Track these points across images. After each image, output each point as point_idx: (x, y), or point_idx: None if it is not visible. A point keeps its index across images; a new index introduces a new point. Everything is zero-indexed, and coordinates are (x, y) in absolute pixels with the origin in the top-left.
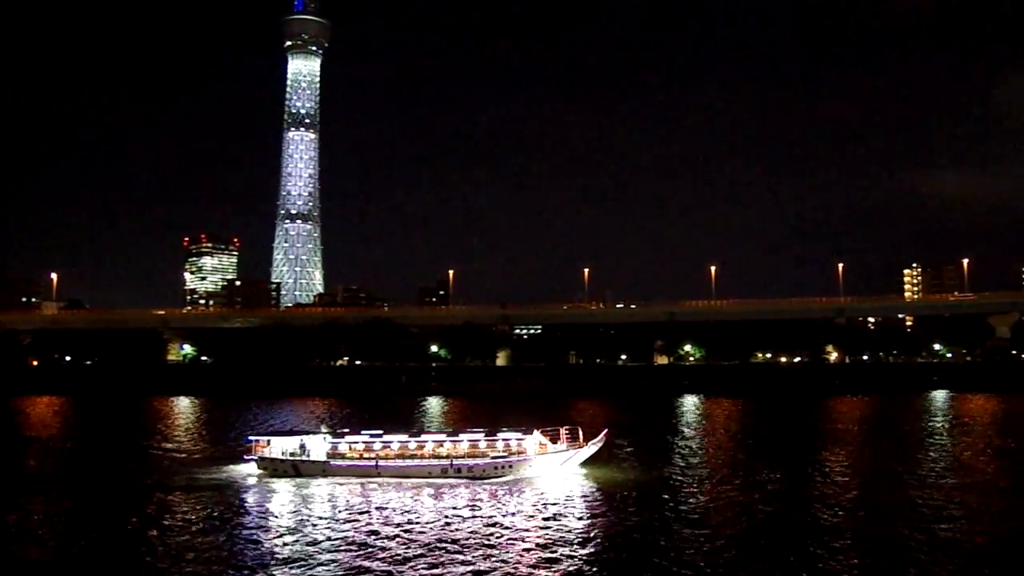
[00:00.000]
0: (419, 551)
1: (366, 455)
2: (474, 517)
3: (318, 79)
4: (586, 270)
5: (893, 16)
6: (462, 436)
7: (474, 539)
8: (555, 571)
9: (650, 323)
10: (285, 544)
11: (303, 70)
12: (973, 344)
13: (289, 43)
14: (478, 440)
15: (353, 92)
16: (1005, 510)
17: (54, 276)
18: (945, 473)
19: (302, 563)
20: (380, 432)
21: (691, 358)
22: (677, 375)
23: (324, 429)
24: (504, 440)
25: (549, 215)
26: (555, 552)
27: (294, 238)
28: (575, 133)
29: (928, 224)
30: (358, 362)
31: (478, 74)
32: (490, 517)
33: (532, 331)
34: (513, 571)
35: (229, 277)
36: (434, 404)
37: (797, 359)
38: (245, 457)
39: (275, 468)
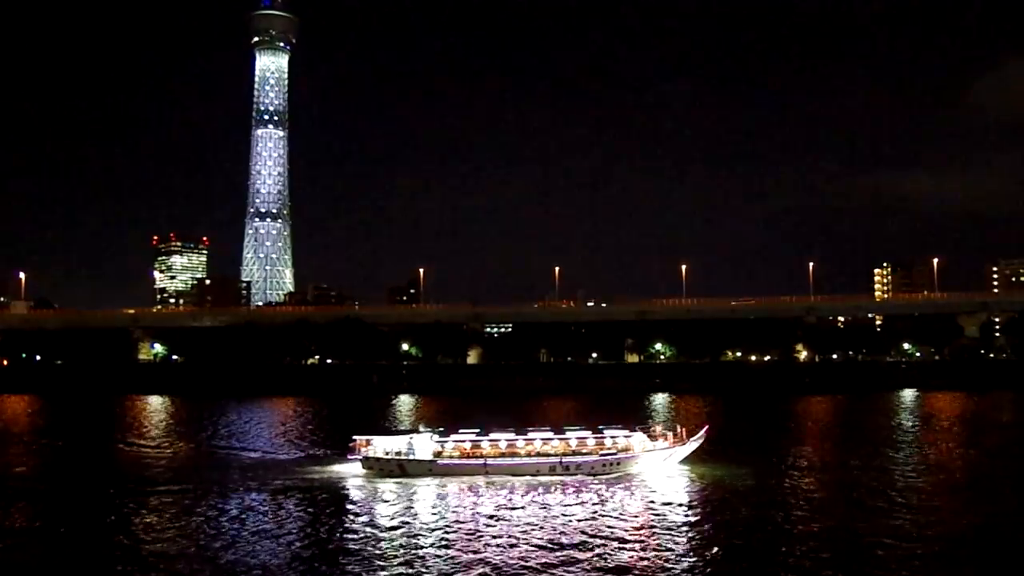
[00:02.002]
0: (536, 549)
1: (473, 453)
2: (590, 515)
3: (286, 76)
4: (557, 268)
5: (865, 15)
6: (569, 433)
7: (590, 537)
8: (674, 570)
9: (621, 321)
10: (398, 543)
11: (271, 66)
12: (942, 343)
13: (256, 39)
14: (585, 437)
15: (322, 89)
16: (971, 504)
17: (22, 275)
18: (916, 469)
19: (415, 562)
20: (486, 430)
21: (662, 356)
22: (648, 373)
23: (423, 428)
24: (612, 437)
25: (520, 213)
26: (672, 551)
27: (264, 236)
28: (545, 131)
29: (898, 224)
30: (329, 361)
31: (448, 71)
32: (604, 515)
33: (503, 329)
34: (629, 570)
35: (199, 276)
36: (406, 403)
37: (767, 358)
38: (349, 457)
39: (380, 467)
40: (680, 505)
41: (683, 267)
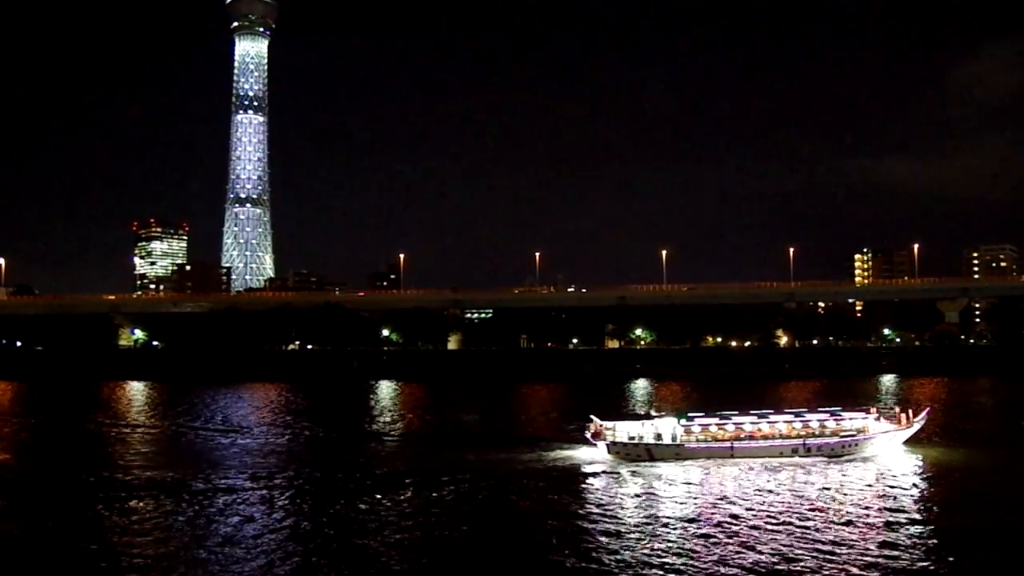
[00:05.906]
0: (805, 533)
1: (720, 436)
2: (845, 496)
3: (266, 61)
4: (537, 254)
5: (843, 1)
6: (809, 416)
7: (856, 518)
8: (928, 554)
9: (601, 307)
10: (666, 524)
11: (250, 52)
12: (922, 329)
13: (236, 24)
14: (825, 419)
15: (302, 74)
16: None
17: (2, 261)
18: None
19: (684, 542)
20: (730, 413)
21: (642, 342)
22: (628, 359)
23: (656, 412)
24: (850, 419)
25: (501, 199)
26: (928, 532)
27: (244, 222)
28: (525, 117)
29: (879, 210)
30: (309, 346)
31: (428, 57)
32: (861, 496)
33: (483, 315)
34: (882, 552)
35: (179, 262)
36: (387, 388)
37: (747, 343)
38: (593, 441)
39: (627, 452)
40: (924, 487)
41: (663, 253)
